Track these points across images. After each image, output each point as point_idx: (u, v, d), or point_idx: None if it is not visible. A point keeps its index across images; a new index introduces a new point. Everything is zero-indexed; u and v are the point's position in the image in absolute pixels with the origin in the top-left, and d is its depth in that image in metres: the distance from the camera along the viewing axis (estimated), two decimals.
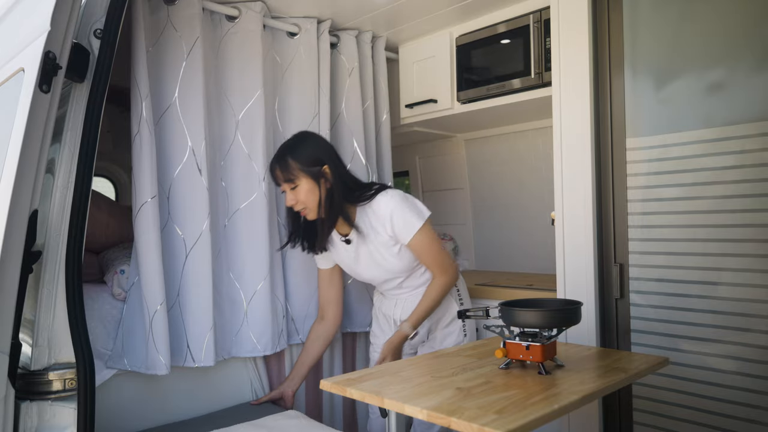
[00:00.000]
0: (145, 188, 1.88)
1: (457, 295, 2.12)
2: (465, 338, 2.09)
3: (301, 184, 1.91)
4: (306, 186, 1.91)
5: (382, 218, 1.94)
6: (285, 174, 1.92)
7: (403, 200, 1.96)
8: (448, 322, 2.09)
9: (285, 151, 1.95)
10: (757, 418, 1.60)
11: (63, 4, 1.39)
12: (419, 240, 1.95)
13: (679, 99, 1.77)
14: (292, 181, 1.92)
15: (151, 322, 1.86)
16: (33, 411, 1.45)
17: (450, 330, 2.09)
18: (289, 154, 1.93)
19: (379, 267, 2.03)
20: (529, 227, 2.90)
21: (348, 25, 2.54)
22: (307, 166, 1.92)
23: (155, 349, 1.86)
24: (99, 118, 1.52)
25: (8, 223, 1.33)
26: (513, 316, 1.47)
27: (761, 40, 1.61)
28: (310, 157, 1.93)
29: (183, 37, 2.01)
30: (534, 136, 2.83)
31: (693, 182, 1.72)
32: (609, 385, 1.34)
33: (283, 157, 1.94)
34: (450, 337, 2.08)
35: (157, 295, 1.86)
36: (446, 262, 2.01)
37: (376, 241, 1.99)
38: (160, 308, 1.86)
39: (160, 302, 1.86)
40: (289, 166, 1.92)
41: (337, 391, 1.38)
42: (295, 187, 1.92)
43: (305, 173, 1.91)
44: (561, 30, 1.97)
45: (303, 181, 1.91)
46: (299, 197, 1.92)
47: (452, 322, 2.08)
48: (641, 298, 1.84)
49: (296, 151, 1.94)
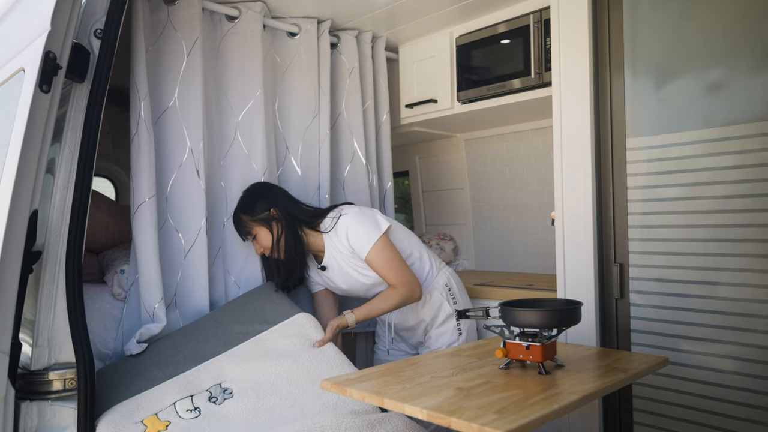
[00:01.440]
0: (143, 188, 1.88)
1: (449, 295, 2.12)
2: (460, 337, 2.10)
3: (258, 233, 2.04)
4: (262, 233, 2.04)
5: (341, 236, 2.00)
6: (241, 229, 2.07)
7: (359, 215, 1.99)
8: (441, 321, 2.10)
9: (237, 210, 2.09)
10: (757, 418, 1.60)
11: (63, 4, 1.39)
12: (376, 254, 1.94)
13: (679, 99, 1.77)
14: (249, 233, 2.06)
15: (152, 318, 1.86)
16: (33, 411, 1.45)
17: (443, 329, 2.10)
18: (240, 212, 2.07)
19: (359, 283, 2.06)
20: (529, 227, 2.90)
21: (348, 25, 2.54)
22: (256, 215, 2.04)
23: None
24: (99, 118, 1.52)
25: (8, 223, 1.33)
26: (513, 316, 1.47)
27: (761, 40, 1.61)
28: (257, 207, 2.05)
29: (183, 37, 2.01)
30: (534, 136, 2.83)
31: (693, 182, 1.71)
32: (609, 385, 1.34)
33: (236, 216, 2.08)
34: (443, 337, 2.09)
35: (156, 292, 1.87)
36: (408, 278, 1.97)
37: (346, 260, 2.03)
38: (158, 305, 1.86)
39: (159, 299, 1.87)
40: (242, 221, 2.06)
41: (337, 391, 1.38)
42: (254, 237, 2.05)
43: (256, 222, 2.04)
44: (561, 30, 1.97)
45: (257, 230, 2.04)
46: (262, 243, 2.04)
47: (445, 322, 2.09)
48: (641, 298, 1.84)
49: (245, 206, 2.07)
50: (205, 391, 1.65)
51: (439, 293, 2.09)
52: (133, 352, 1.83)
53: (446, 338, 2.09)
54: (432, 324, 2.10)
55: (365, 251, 1.95)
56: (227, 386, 1.67)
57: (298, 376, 1.72)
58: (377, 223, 1.98)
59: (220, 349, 1.81)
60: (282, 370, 1.73)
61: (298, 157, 2.35)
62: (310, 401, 1.63)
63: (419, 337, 2.15)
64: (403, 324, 2.13)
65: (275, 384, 1.68)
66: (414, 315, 2.10)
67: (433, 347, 2.10)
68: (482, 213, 3.10)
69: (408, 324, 2.12)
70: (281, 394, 1.65)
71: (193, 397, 1.63)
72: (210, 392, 1.65)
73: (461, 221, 3.19)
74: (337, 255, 2.04)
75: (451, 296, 2.12)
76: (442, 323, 2.10)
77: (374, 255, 1.95)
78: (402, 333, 2.18)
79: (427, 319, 2.09)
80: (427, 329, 2.12)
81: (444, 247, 3.07)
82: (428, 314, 2.08)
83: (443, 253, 3.06)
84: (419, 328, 2.11)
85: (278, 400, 1.63)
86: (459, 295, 2.16)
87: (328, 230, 2.02)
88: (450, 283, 2.14)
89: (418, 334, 2.14)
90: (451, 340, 2.09)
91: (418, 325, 2.11)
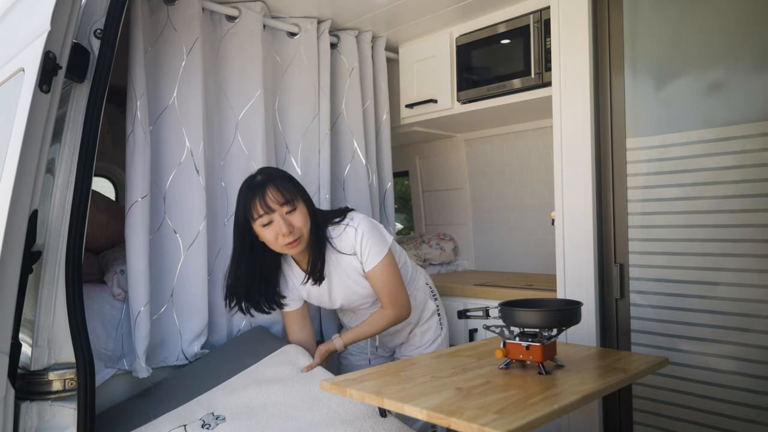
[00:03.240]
0: (137, 188, 1.87)
1: (430, 292, 2.16)
2: (442, 331, 2.13)
3: (299, 207, 1.80)
4: (302, 210, 1.80)
5: (350, 242, 1.86)
6: (287, 194, 1.76)
7: (371, 226, 1.89)
8: (426, 319, 2.11)
9: (282, 173, 1.86)
10: (757, 418, 1.60)
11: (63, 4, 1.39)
12: (380, 270, 1.87)
13: (679, 99, 1.77)
14: (291, 203, 1.77)
15: (135, 323, 1.85)
16: (33, 411, 1.45)
17: (427, 326, 2.11)
18: (287, 176, 1.85)
19: (357, 295, 1.96)
20: (529, 227, 2.90)
21: (348, 25, 2.54)
22: (304, 191, 1.84)
23: (135, 351, 1.86)
24: (99, 118, 1.52)
25: (8, 223, 1.33)
26: (513, 316, 1.47)
27: (761, 40, 1.61)
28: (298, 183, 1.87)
29: (182, 37, 2.01)
30: (534, 136, 2.83)
31: (693, 182, 1.71)
32: (609, 385, 1.34)
33: (281, 178, 1.81)
34: (429, 332, 2.11)
35: (141, 296, 1.85)
36: (401, 297, 1.92)
37: (348, 272, 1.91)
38: (143, 310, 1.85)
39: (144, 304, 1.85)
40: (290, 186, 1.80)
41: (336, 391, 1.37)
42: (292, 210, 1.78)
43: (303, 195, 1.82)
44: (561, 30, 1.97)
45: (300, 205, 1.80)
46: (296, 222, 1.77)
47: (429, 319, 2.12)
48: (641, 298, 1.83)
49: (289, 174, 1.88)
50: (198, 420, 1.65)
51: (422, 293, 2.12)
52: (141, 376, 1.85)
53: (430, 334, 2.11)
54: (417, 323, 2.11)
55: (372, 264, 1.86)
56: (220, 413, 1.67)
57: (289, 396, 1.71)
58: (385, 238, 1.92)
59: (212, 384, 1.81)
60: (273, 393, 1.73)
61: (298, 157, 2.35)
62: (302, 415, 1.63)
63: (402, 338, 2.13)
64: (390, 330, 2.07)
65: (267, 405, 1.69)
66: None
67: (418, 345, 2.11)
68: (482, 213, 3.10)
69: (395, 328, 2.07)
70: (273, 413, 1.65)
71: (186, 426, 1.63)
72: (203, 420, 1.65)
73: (461, 221, 3.19)
74: (339, 264, 1.90)
75: (432, 293, 2.16)
76: (426, 320, 2.11)
77: (379, 270, 1.87)
78: (384, 338, 2.14)
79: (414, 320, 2.08)
80: (411, 329, 2.12)
81: (444, 247, 3.07)
82: (415, 315, 2.07)
83: (443, 253, 3.06)
84: (405, 329, 2.10)
85: (270, 418, 1.63)
86: (436, 291, 2.21)
87: (338, 236, 1.88)
88: (428, 280, 2.19)
89: (401, 335, 2.12)
90: (435, 335, 2.12)
91: (404, 327, 2.09)
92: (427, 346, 2.10)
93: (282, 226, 1.75)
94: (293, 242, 1.78)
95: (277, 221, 1.76)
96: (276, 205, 1.75)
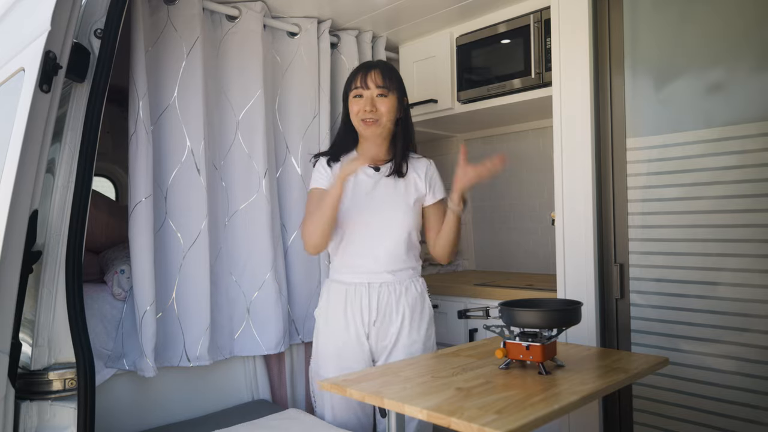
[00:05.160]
0: (140, 188, 1.88)
1: (425, 288, 2.08)
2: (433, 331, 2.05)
3: (390, 97, 1.93)
4: (393, 101, 1.93)
5: (424, 167, 2.01)
6: (386, 81, 1.92)
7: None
8: (420, 310, 2.02)
9: (393, 69, 2.00)
10: (757, 418, 1.60)
11: (63, 4, 1.39)
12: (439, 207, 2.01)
13: (679, 99, 1.77)
14: (386, 89, 1.92)
15: (141, 323, 1.86)
16: (33, 411, 1.45)
17: (424, 316, 2.02)
18: (396, 74, 1.99)
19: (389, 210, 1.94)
20: (529, 227, 2.90)
21: (348, 25, 2.54)
22: (401, 87, 1.98)
23: (142, 351, 1.87)
24: (99, 118, 1.52)
25: (8, 223, 1.33)
26: (513, 316, 1.47)
27: (761, 40, 1.61)
28: (402, 84, 2.00)
29: (183, 37, 2.01)
30: (534, 136, 2.83)
31: (693, 182, 1.72)
32: (609, 385, 1.34)
33: (390, 70, 1.97)
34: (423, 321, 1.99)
35: (147, 296, 1.86)
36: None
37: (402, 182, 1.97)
38: (149, 309, 1.86)
39: (150, 303, 1.86)
40: (394, 80, 1.95)
41: (336, 391, 1.38)
42: (383, 96, 1.91)
43: (398, 90, 1.95)
44: (561, 30, 1.97)
45: (394, 97, 1.93)
46: (380, 107, 1.91)
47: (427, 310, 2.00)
48: (641, 298, 1.84)
49: (399, 74, 2.01)
50: None
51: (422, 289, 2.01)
52: (148, 375, 1.86)
53: (425, 322, 1.96)
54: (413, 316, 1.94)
55: (439, 196, 2.02)
56: None
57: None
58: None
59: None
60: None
61: (299, 156, 2.35)
62: None
63: (392, 336, 1.94)
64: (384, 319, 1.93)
65: None
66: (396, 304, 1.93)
67: (415, 334, 1.93)
68: (482, 213, 3.10)
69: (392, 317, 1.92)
70: None
71: None
72: None
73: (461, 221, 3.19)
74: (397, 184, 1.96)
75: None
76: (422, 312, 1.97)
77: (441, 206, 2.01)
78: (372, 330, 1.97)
79: (407, 310, 1.94)
80: (409, 323, 1.93)
81: None
82: (409, 302, 1.94)
83: None
84: (397, 320, 1.92)
85: None
86: None
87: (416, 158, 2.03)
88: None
89: (392, 330, 1.93)
90: (428, 324, 1.97)
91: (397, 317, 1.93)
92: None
93: (367, 103, 1.91)
94: (370, 121, 1.91)
95: (367, 97, 1.92)
96: (372, 84, 1.92)
